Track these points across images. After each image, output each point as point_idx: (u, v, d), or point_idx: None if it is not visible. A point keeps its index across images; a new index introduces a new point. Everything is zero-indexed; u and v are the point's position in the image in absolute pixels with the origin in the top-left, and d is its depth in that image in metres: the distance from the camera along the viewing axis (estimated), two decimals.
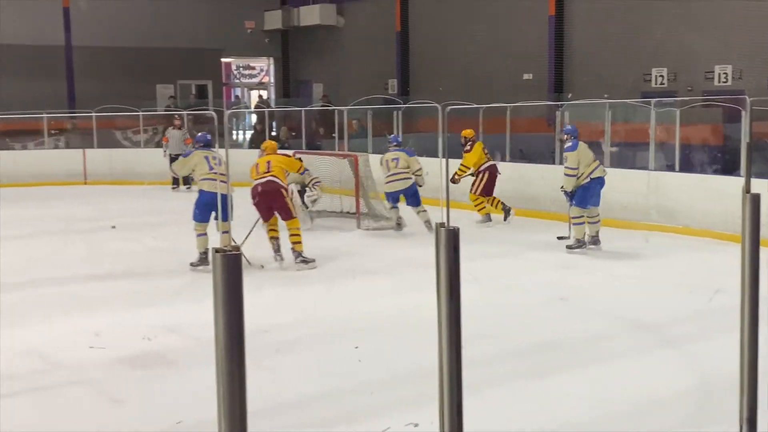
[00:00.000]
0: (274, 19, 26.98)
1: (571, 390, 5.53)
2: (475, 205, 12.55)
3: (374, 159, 13.43)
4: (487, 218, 12.47)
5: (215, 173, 9.29)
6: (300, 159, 11.58)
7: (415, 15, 23.30)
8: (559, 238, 10.70)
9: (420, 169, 11.83)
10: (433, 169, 12.16)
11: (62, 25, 24.16)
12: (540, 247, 10.77)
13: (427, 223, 11.61)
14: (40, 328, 7.20)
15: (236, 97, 30.23)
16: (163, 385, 5.79)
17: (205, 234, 9.33)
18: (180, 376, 5.97)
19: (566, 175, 10.16)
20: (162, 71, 25.58)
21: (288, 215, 9.58)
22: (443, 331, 3.42)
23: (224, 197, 8.16)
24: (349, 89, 23.60)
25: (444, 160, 3.40)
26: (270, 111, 23.54)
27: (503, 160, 13.95)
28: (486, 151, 12.65)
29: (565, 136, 10.49)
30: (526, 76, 20.32)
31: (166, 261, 10.08)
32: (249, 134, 23.33)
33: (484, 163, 12.50)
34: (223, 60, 28.01)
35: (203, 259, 9.16)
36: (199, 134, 10.42)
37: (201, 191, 9.46)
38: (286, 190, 9.73)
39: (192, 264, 9.35)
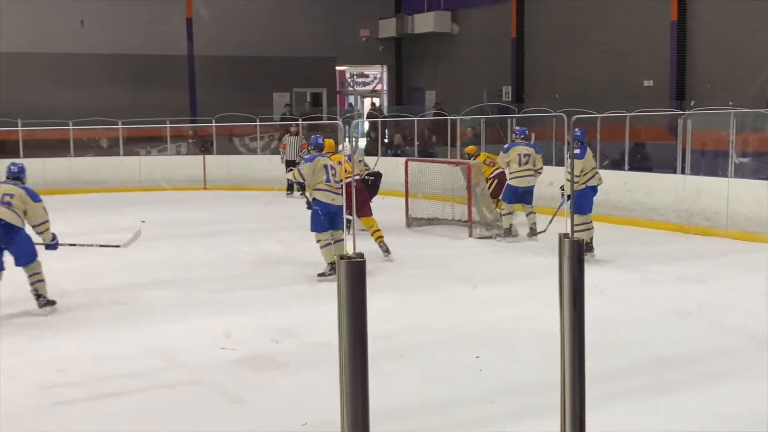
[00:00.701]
0: (388, 27, 27.19)
1: (693, 407, 5.34)
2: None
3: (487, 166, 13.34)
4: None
5: (331, 186, 9.33)
6: (363, 162, 11.93)
7: (531, 21, 23.05)
8: (537, 232, 11.40)
9: (541, 168, 11.73)
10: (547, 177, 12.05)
11: (185, 36, 24.99)
12: (661, 259, 10.46)
13: (533, 225, 11.55)
14: (165, 328, 7.44)
15: (349, 104, 30.59)
16: (281, 387, 5.88)
17: (330, 243, 9.31)
18: (296, 378, 6.05)
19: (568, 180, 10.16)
20: (278, 80, 26.14)
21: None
22: (566, 343, 3.34)
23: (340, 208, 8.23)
24: (462, 96, 23.54)
25: (570, 168, 3.33)
26: (383, 119, 23.71)
27: (621, 168, 13.63)
28: (489, 161, 12.93)
29: (577, 142, 10.26)
30: (646, 83, 19.79)
31: (285, 265, 10.27)
32: (363, 142, 23.55)
33: (492, 173, 12.71)
34: (338, 68, 28.39)
35: (333, 269, 9.08)
36: (313, 137, 10.45)
37: (317, 201, 9.35)
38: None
39: (321, 275, 9.30)
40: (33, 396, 5.68)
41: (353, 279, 2.84)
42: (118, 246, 9.38)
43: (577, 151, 10.07)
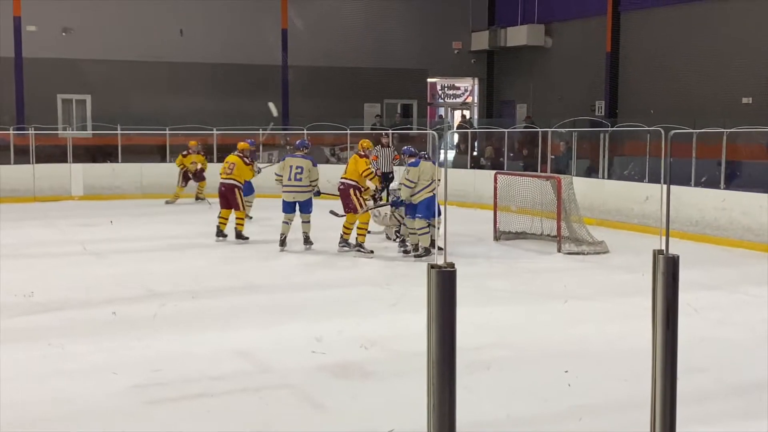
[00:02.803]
0: (480, 40, 27.13)
1: None
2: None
3: (578, 181, 13.19)
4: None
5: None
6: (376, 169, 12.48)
7: (627, 35, 22.68)
8: (332, 212, 12.14)
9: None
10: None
11: (280, 46, 25.44)
12: (757, 280, 10.14)
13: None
14: (255, 332, 7.57)
15: (440, 116, 30.61)
16: (367, 394, 5.92)
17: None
18: (383, 386, 6.08)
19: (404, 185, 11.35)
20: (369, 90, 26.37)
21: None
22: (658, 362, 3.28)
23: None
24: (554, 110, 23.31)
25: (667, 186, 3.27)
26: (473, 131, 23.65)
27: (717, 187, 13.28)
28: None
29: (407, 156, 11.79)
30: (745, 101, 19.24)
31: (376, 273, 10.35)
32: (452, 153, 23.52)
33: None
34: (429, 80, 28.47)
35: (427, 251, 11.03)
36: (405, 147, 12.03)
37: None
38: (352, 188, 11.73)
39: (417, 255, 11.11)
40: (124, 395, 5.84)
41: (443, 289, 2.85)
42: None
43: (412, 160, 11.42)
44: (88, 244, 12.29)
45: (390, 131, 20.11)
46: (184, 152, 18.68)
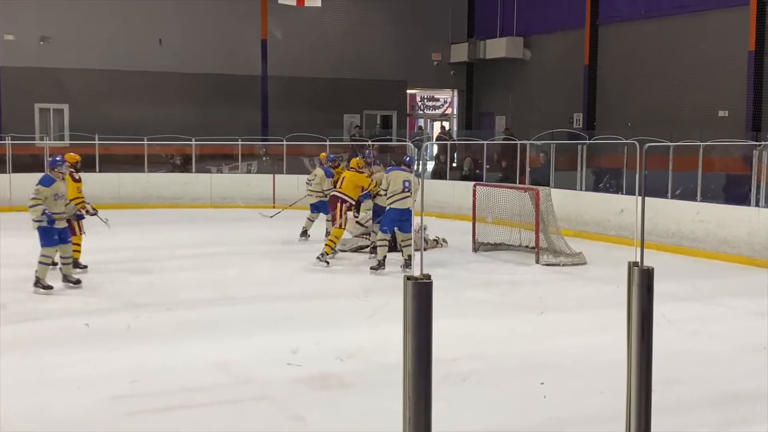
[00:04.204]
0: (460, 52, 27.26)
1: None
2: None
3: (556, 193, 13.26)
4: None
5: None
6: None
7: (605, 48, 22.88)
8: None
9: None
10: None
11: (260, 56, 25.44)
12: (733, 292, 10.23)
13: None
14: (233, 344, 7.53)
15: (419, 127, 30.69)
16: (345, 406, 5.91)
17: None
18: (360, 398, 6.07)
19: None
20: (349, 101, 26.42)
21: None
22: (633, 374, 3.31)
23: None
24: (532, 122, 23.45)
25: (641, 198, 3.31)
26: (452, 142, 23.72)
27: (693, 199, 13.39)
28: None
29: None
30: (721, 114, 19.45)
31: (354, 284, 10.35)
32: (431, 165, 23.57)
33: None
34: (409, 91, 28.56)
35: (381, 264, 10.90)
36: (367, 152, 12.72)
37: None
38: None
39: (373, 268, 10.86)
40: (103, 407, 5.80)
41: (420, 300, 2.86)
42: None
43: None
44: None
45: (370, 142, 20.13)
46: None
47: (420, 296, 2.91)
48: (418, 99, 30.25)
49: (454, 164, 22.11)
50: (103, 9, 23.41)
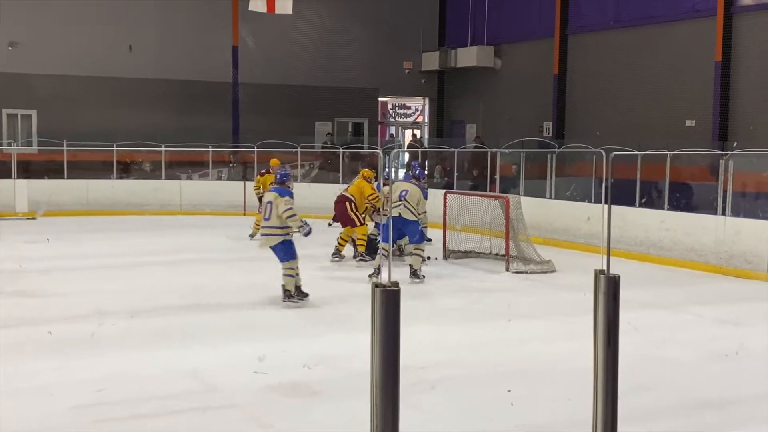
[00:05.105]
0: (431, 60, 27.37)
1: None
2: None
3: (525, 201, 13.34)
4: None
5: None
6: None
7: (574, 58, 23.08)
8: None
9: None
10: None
11: (231, 63, 25.37)
12: (700, 300, 10.35)
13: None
14: (202, 352, 7.49)
15: (391, 135, 30.73)
16: (314, 414, 5.90)
17: None
18: (330, 406, 6.06)
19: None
20: (321, 109, 26.40)
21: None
22: (599, 380, 3.33)
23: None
24: (503, 131, 23.58)
25: (608, 207, 3.34)
26: (423, 150, 23.80)
27: (660, 207, 13.54)
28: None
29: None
30: (688, 123, 19.69)
31: (324, 292, 10.33)
32: (402, 172, 23.61)
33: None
34: (380, 99, 28.60)
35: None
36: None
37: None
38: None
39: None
40: (70, 415, 5.74)
41: (387, 308, 2.86)
42: None
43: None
44: (30, 262, 12.05)
45: (341, 149, 20.14)
46: (263, 171, 15.25)
47: (388, 304, 2.92)
48: (389, 107, 30.30)
49: (426, 172, 22.15)
50: (72, 14, 23.20)
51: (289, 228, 9.32)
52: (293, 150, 21.13)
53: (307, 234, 9.49)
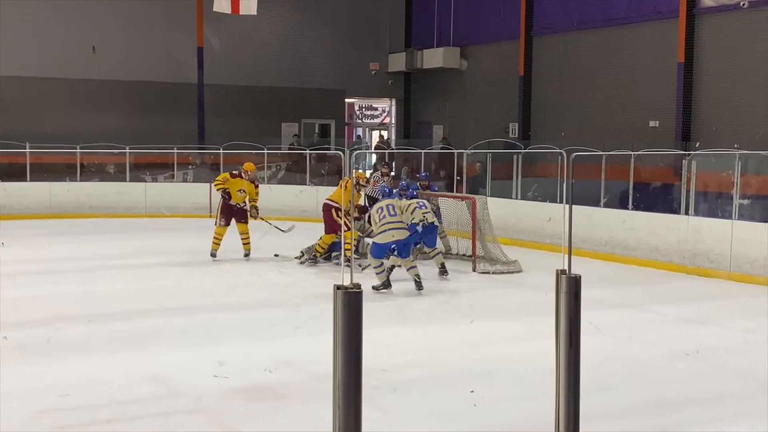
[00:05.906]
0: (397, 62, 27.42)
1: None
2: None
3: (492, 202, 13.39)
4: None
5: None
6: None
7: (539, 59, 23.23)
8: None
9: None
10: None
11: (196, 64, 25.21)
12: (663, 299, 10.44)
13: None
14: (166, 356, 7.43)
15: (358, 136, 30.76)
16: (278, 418, 5.86)
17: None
18: (293, 409, 6.03)
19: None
20: (287, 110, 26.35)
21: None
22: (561, 380, 3.34)
23: None
24: (469, 132, 23.67)
25: (569, 207, 3.35)
26: (390, 151, 23.81)
27: (624, 207, 13.65)
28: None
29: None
30: (652, 124, 19.90)
31: (289, 294, 10.30)
32: (369, 173, 23.60)
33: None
34: (347, 100, 28.59)
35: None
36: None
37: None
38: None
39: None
40: (33, 421, 5.66)
41: (349, 309, 2.85)
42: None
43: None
44: None
45: (308, 151, 20.08)
46: (234, 172, 13.25)
47: (350, 306, 2.90)
48: (356, 108, 30.32)
49: (392, 173, 22.15)
50: (34, 15, 22.94)
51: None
52: (260, 151, 21.03)
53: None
